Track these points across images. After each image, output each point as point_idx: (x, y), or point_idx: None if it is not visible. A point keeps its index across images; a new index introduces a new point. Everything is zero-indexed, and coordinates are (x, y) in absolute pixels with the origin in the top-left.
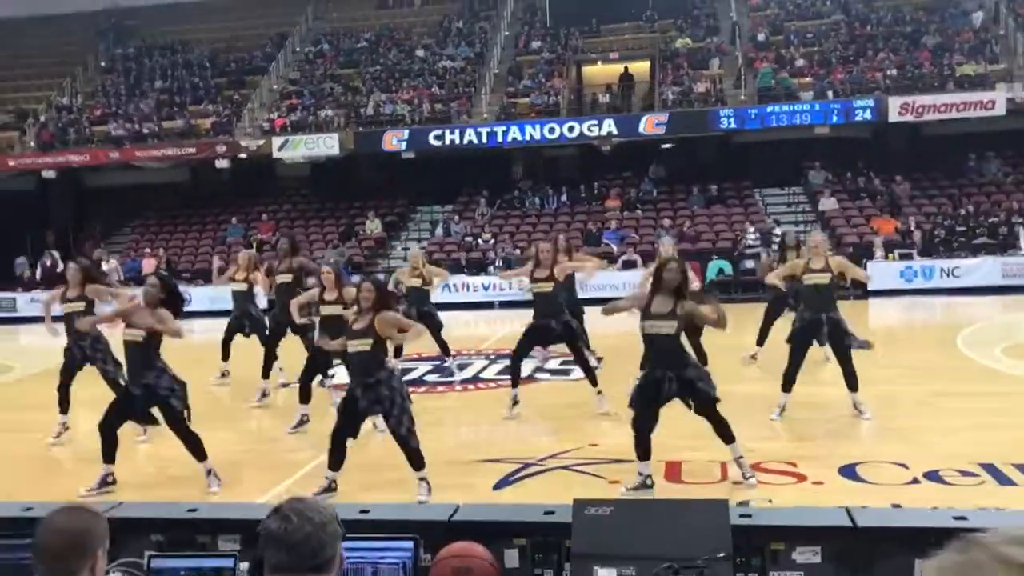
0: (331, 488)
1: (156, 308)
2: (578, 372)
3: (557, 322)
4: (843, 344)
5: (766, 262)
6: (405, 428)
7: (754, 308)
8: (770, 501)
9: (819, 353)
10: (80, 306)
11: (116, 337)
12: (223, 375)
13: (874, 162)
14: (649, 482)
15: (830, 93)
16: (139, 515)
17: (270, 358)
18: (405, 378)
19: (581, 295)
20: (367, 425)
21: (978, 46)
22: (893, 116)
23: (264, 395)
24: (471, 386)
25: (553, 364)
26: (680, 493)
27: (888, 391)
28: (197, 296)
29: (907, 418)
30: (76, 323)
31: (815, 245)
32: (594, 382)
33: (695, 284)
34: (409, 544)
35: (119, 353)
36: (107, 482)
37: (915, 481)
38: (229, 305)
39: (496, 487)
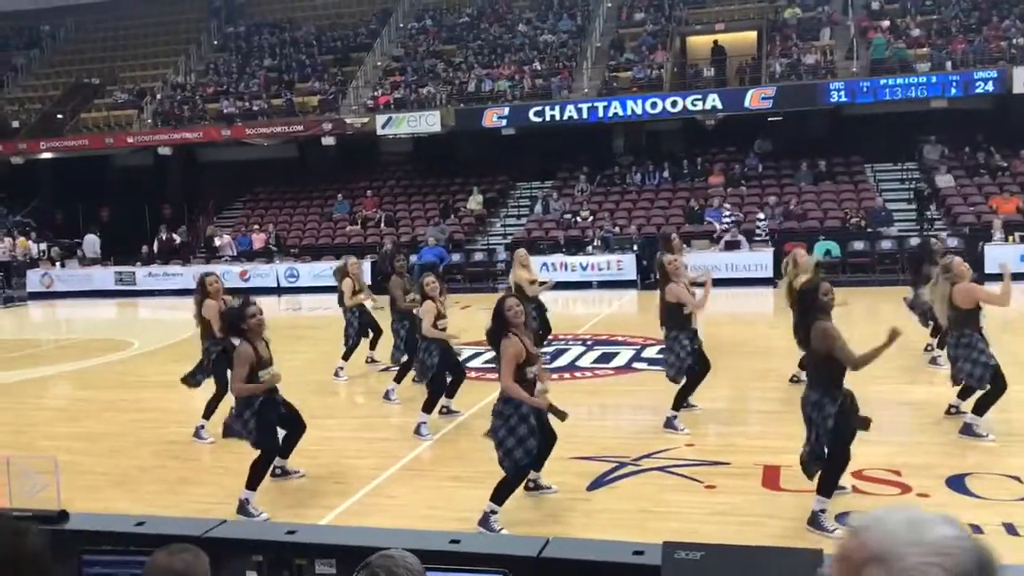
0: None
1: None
2: None
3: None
4: None
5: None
6: None
7: (862, 292)
8: None
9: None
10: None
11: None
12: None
13: (995, 136)
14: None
15: (948, 64)
16: (240, 535)
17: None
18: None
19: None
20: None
21: None
22: (1018, 87)
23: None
24: (567, 375)
25: (651, 353)
26: (777, 502)
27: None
28: (304, 272)
29: (1022, 423)
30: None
31: (965, 270)
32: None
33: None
34: None
35: None
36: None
37: None
38: (333, 280)
39: (590, 487)
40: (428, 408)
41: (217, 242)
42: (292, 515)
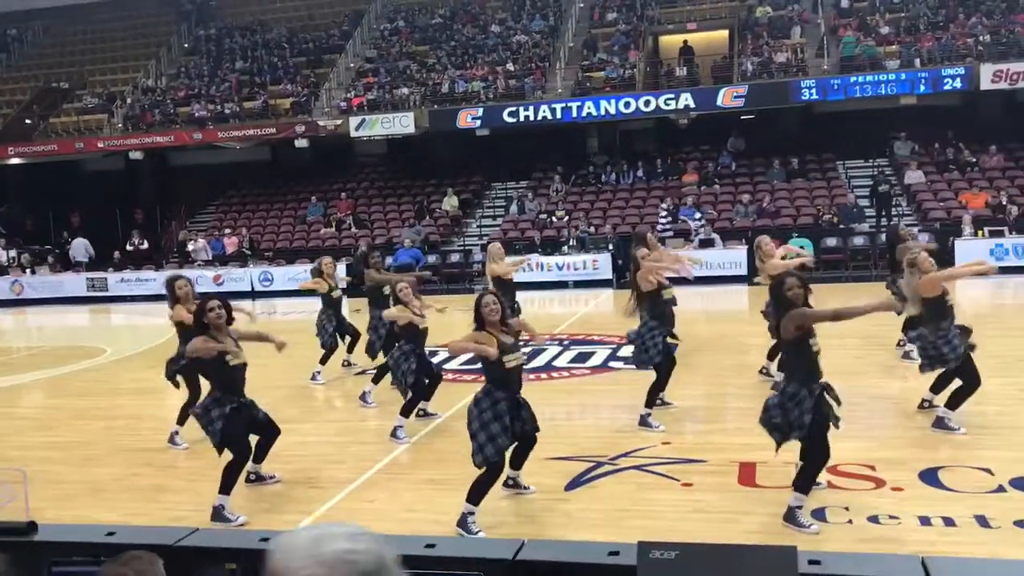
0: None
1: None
2: None
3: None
4: None
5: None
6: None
7: (836, 288)
8: (846, 509)
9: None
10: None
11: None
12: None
13: (964, 132)
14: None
15: (917, 61)
16: (213, 544)
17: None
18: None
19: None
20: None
21: None
22: (985, 84)
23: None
24: (544, 375)
25: (627, 352)
26: (753, 498)
27: None
28: (278, 276)
29: (994, 416)
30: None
31: (928, 265)
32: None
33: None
34: None
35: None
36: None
37: (1000, 489)
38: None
39: (568, 487)
40: (406, 412)
41: (190, 246)
42: (268, 521)
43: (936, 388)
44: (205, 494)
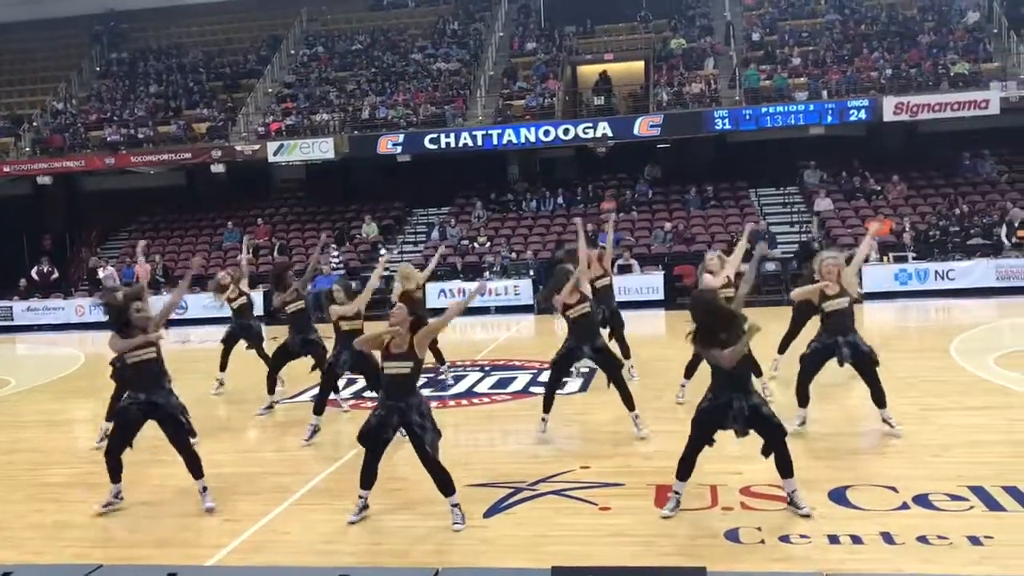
0: (365, 507)
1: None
2: (571, 386)
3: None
4: (868, 363)
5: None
6: (435, 453)
7: (748, 312)
8: (759, 529)
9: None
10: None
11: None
12: (220, 384)
13: (869, 162)
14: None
15: (825, 93)
16: None
17: (274, 373)
18: None
19: None
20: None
21: (972, 45)
22: (888, 116)
23: (270, 407)
24: (464, 401)
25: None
26: (669, 520)
27: None
28: (193, 303)
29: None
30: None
31: (828, 272)
32: (631, 405)
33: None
34: None
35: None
36: (117, 498)
37: (904, 506)
38: (224, 312)
39: (487, 514)
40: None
41: (101, 274)
42: (179, 555)
43: (879, 403)
44: (112, 529)
